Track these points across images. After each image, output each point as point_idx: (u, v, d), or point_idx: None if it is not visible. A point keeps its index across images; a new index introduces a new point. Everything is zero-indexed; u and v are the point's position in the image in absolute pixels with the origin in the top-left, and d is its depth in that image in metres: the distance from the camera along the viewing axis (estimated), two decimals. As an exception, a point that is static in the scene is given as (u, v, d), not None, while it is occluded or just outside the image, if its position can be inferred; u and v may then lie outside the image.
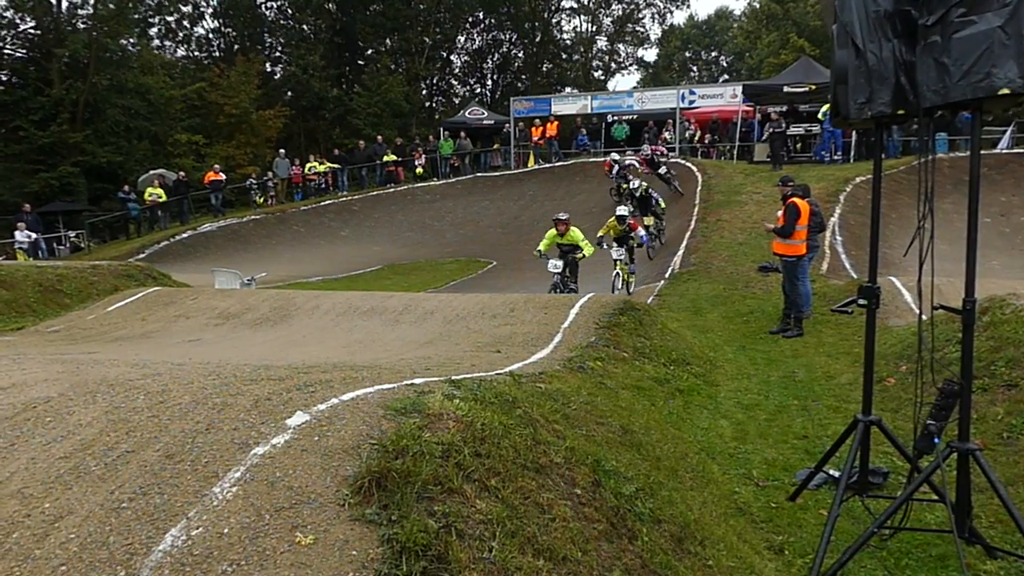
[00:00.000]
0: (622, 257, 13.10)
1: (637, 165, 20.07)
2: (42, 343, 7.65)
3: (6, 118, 31.28)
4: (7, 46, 33.48)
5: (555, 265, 11.63)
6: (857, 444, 4.01)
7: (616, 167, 19.69)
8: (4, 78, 33.58)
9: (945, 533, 3.89)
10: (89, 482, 2.50)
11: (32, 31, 33.42)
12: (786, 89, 22.49)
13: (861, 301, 4.04)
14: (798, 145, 24.00)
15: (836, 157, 20.65)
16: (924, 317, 4.04)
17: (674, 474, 4.28)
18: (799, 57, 28.75)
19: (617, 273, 12.91)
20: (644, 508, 3.29)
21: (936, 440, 3.77)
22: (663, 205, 16.96)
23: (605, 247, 13.13)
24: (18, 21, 33.33)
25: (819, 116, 21.03)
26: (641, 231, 13.61)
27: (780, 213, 9.78)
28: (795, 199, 9.63)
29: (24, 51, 33.76)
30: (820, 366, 8.12)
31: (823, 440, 5.65)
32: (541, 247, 11.90)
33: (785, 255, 9.67)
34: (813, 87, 21.63)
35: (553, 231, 11.91)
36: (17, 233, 22.92)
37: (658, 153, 20.95)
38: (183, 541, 2.19)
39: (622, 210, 13.29)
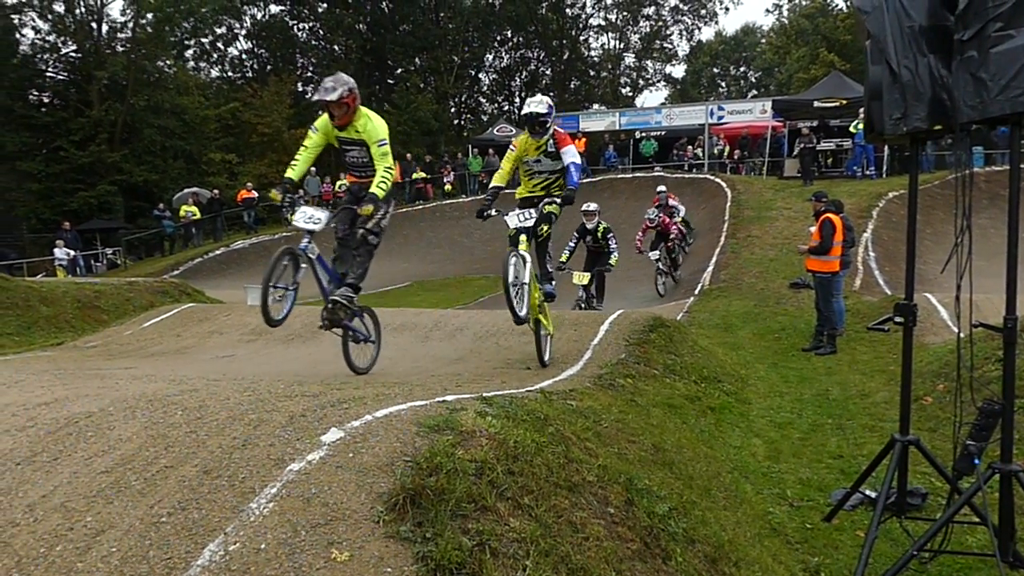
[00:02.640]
0: (519, 241, 6.19)
1: (678, 208, 17.65)
2: (81, 358, 7.81)
3: (48, 139, 32.19)
4: (49, 69, 34.53)
5: (308, 217, 5.61)
6: (895, 464, 3.94)
7: (660, 203, 17.43)
8: (46, 100, 34.58)
9: (987, 557, 3.79)
10: (129, 497, 2.54)
11: (74, 54, 34.44)
12: (816, 104, 22.35)
13: (898, 319, 3.98)
14: (829, 160, 23.78)
15: (868, 172, 20.42)
16: (962, 335, 3.97)
17: (707, 493, 4.24)
18: (829, 72, 28.57)
19: (514, 257, 5.92)
20: (678, 528, 3.26)
21: (976, 461, 3.69)
22: (614, 261, 11.71)
23: (496, 213, 6.47)
24: (60, 45, 34.37)
25: (851, 129, 20.82)
26: (573, 158, 6.40)
27: (813, 229, 9.69)
28: (829, 215, 9.53)
29: (66, 74, 34.79)
30: (854, 384, 7.99)
31: (858, 460, 5.56)
32: (298, 165, 6.08)
33: (820, 272, 9.57)
34: (844, 102, 21.47)
35: (324, 119, 6.05)
36: (56, 250, 23.49)
37: (674, 231, 16.33)
38: (221, 556, 2.22)
39: (537, 105, 6.29)
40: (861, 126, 18.21)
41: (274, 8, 45.03)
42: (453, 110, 49.47)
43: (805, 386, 8.08)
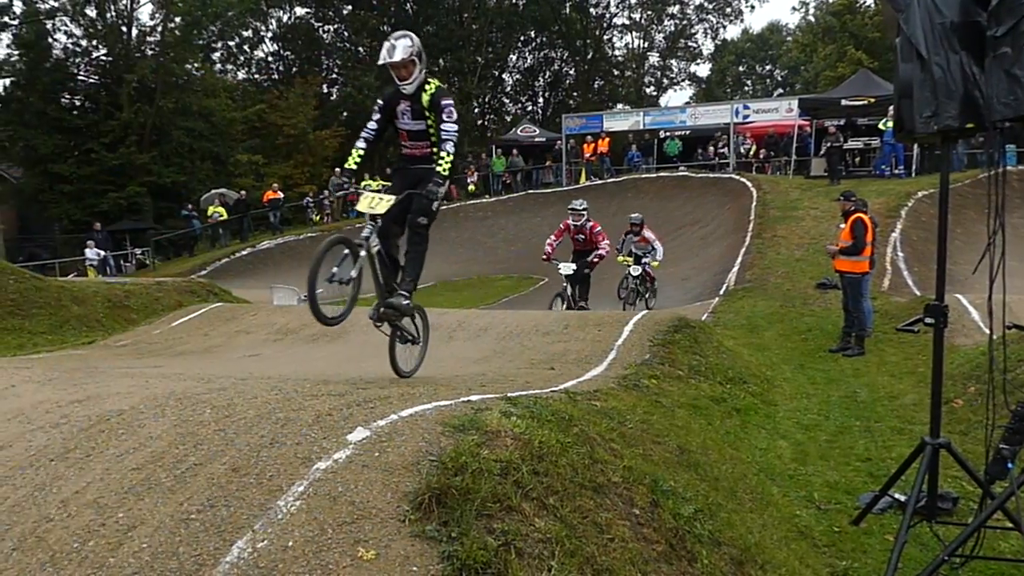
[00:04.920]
0: None
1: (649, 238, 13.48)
2: (111, 356, 7.93)
3: (80, 141, 32.74)
4: (81, 73, 35.14)
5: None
6: (925, 468, 3.88)
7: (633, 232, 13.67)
8: (78, 103, 35.17)
9: (1021, 563, 3.72)
10: (160, 493, 2.58)
11: (104, 58, 35.01)
12: (844, 102, 22.09)
13: (928, 320, 3.92)
14: (856, 159, 23.50)
15: (898, 171, 20.13)
16: (995, 336, 3.90)
17: (733, 495, 4.21)
18: (857, 70, 28.21)
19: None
20: (703, 530, 3.24)
21: (1009, 465, 3.63)
22: (445, 167, 5.11)
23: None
24: (91, 49, 35.00)
25: (880, 127, 20.53)
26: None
27: (845, 228, 9.56)
28: (860, 214, 9.42)
29: (97, 77, 35.37)
30: (883, 386, 7.89)
31: (887, 463, 5.49)
32: None
33: (849, 272, 9.45)
34: (872, 100, 21.19)
35: None
36: (87, 251, 23.92)
37: (603, 248, 11.23)
38: (249, 553, 2.24)
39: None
40: (891, 124, 17.98)
41: (299, 10, 45.49)
42: (477, 111, 49.53)
43: (832, 388, 7.99)
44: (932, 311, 3.91)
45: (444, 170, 5.15)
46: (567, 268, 10.97)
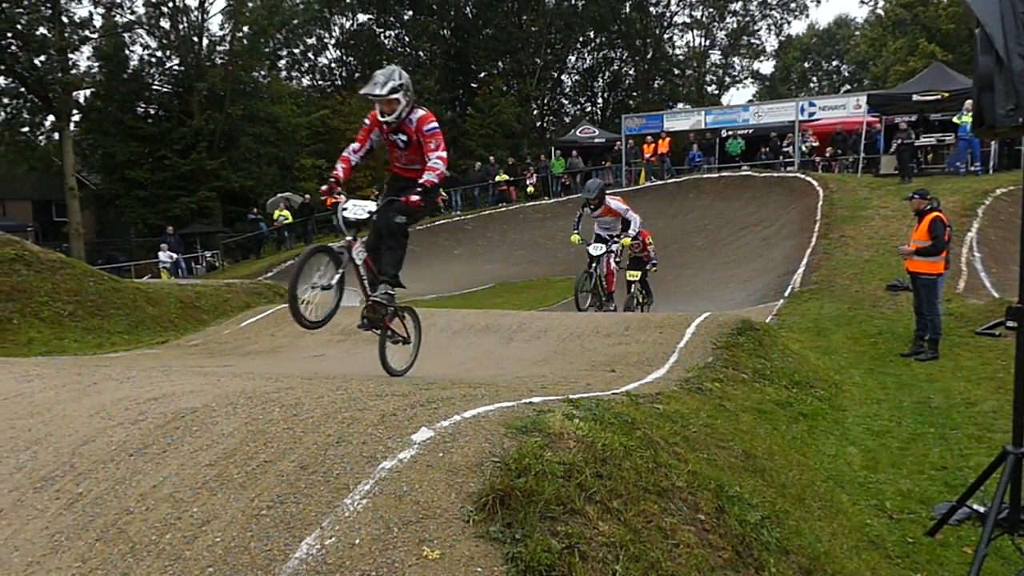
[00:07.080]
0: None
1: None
2: (183, 355, 8.22)
3: (153, 148, 34.11)
4: (155, 83, 36.59)
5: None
6: (1007, 478, 3.71)
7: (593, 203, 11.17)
8: (152, 111, 36.61)
9: (1113, 580, 3.53)
10: (232, 489, 2.65)
11: (177, 68, 36.40)
12: (915, 98, 21.31)
13: (1010, 323, 3.75)
14: (929, 156, 22.66)
15: (973, 168, 19.30)
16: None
17: (801, 502, 4.10)
18: (929, 63, 27.19)
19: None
20: (771, 537, 3.17)
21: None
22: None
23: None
24: (165, 60, 36.41)
25: (955, 121, 19.66)
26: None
27: (919, 227, 9.21)
28: (937, 213, 9.07)
29: (170, 86, 36.80)
30: (959, 392, 7.58)
31: (963, 472, 5.28)
32: None
33: (925, 273, 9.10)
34: (946, 94, 20.37)
35: None
36: (161, 254, 24.87)
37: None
38: (317, 550, 2.29)
39: None
40: (966, 118, 17.25)
41: (362, 17, 46.39)
42: (536, 112, 49.59)
43: (904, 393, 7.72)
44: (1015, 314, 3.74)
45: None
46: (356, 209, 5.89)
